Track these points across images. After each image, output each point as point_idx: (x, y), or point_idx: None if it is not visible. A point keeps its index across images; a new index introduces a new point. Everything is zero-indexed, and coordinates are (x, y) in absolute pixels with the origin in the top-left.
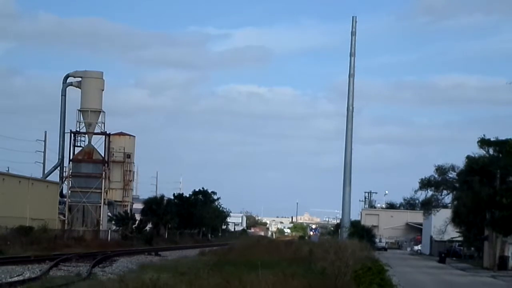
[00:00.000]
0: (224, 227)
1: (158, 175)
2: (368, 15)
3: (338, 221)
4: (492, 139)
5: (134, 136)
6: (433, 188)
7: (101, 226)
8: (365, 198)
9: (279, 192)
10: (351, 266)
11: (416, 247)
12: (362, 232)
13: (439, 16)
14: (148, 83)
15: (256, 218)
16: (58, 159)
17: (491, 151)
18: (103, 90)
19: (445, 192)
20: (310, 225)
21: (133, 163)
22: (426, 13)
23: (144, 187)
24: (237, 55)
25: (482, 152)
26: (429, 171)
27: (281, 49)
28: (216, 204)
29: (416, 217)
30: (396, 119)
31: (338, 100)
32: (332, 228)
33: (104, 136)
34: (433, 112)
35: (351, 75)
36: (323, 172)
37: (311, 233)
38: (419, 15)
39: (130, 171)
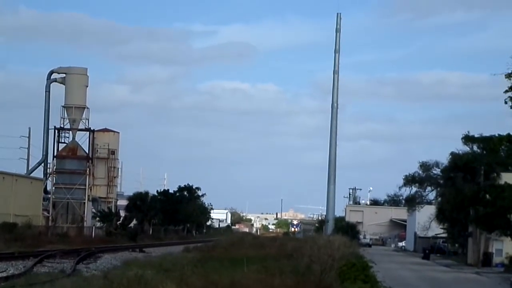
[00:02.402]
0: (208, 223)
1: (142, 171)
2: (351, 12)
3: (323, 217)
4: (476, 136)
5: (118, 132)
6: (417, 184)
7: (85, 223)
8: (349, 194)
9: (263, 188)
10: (336, 261)
11: (400, 244)
12: (346, 229)
13: (422, 13)
14: (131, 79)
15: (241, 215)
16: (42, 155)
17: (475, 148)
18: (87, 86)
19: (429, 188)
20: (293, 221)
21: (118, 159)
22: (409, 10)
23: (129, 183)
24: (220, 52)
25: (466, 148)
26: (413, 168)
27: (265, 45)
28: (201, 200)
29: (400, 213)
30: (380, 115)
31: (321, 96)
32: (316, 225)
33: (88, 133)
34: (416, 109)
35: (335, 72)
36: (308, 169)
37: (293, 229)
38: (402, 12)
39: (114, 167)
